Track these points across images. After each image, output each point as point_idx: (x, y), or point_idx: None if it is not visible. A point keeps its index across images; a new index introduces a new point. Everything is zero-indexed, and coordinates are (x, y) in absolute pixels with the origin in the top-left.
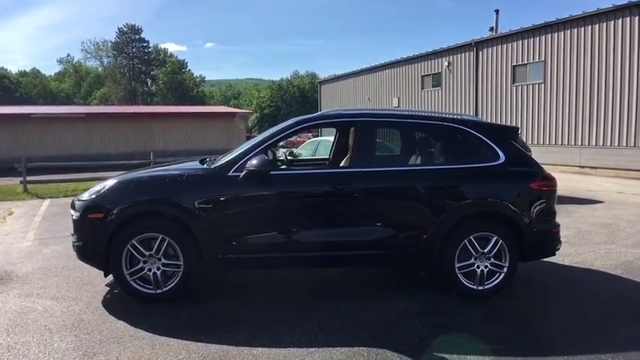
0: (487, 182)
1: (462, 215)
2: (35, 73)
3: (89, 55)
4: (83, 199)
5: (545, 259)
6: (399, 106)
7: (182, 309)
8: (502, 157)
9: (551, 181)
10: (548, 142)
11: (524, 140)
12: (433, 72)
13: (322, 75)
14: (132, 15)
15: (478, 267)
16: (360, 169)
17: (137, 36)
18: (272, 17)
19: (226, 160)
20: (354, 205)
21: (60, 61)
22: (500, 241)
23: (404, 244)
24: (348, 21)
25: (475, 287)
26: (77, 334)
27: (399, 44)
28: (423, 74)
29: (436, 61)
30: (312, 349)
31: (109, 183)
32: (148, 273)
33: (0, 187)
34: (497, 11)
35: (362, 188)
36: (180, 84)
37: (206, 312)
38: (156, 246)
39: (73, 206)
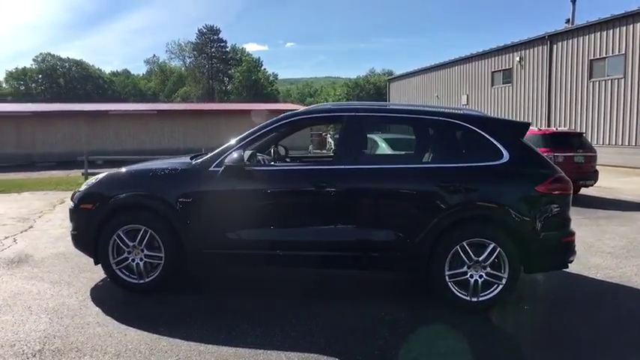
0: (484, 183)
1: (453, 219)
2: (126, 74)
3: (173, 56)
4: (80, 190)
5: (573, 272)
6: (467, 104)
7: (160, 300)
8: (506, 156)
9: (563, 184)
10: (627, 143)
11: (590, 140)
12: (504, 68)
13: (398, 72)
14: (217, 17)
15: (472, 276)
16: (342, 167)
17: (216, 36)
18: (352, 16)
19: (209, 155)
20: (334, 203)
21: (147, 62)
22: (499, 249)
23: (387, 247)
24: (426, 18)
25: (468, 298)
26: (51, 318)
27: (475, 40)
28: (493, 70)
29: (507, 56)
30: (261, 351)
31: (100, 176)
32: (132, 263)
33: (69, 178)
34: (573, 1)
35: (342, 186)
36: (255, 82)
37: (181, 306)
38: (139, 237)
39: (72, 197)
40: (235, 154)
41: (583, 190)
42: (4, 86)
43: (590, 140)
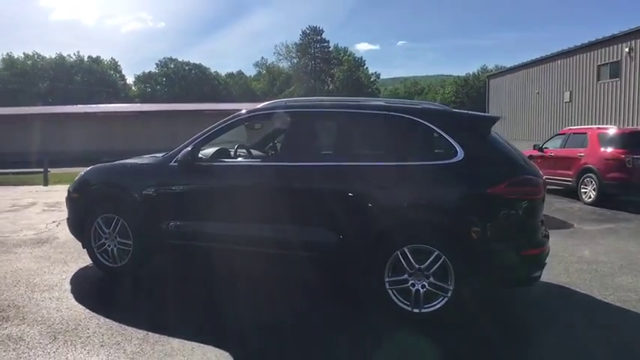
0: (429, 184)
1: (392, 222)
2: (240, 75)
3: (281, 57)
4: (73, 181)
5: (580, 290)
6: (570, 101)
7: (128, 284)
8: (460, 155)
9: (526, 187)
10: None
11: None
12: (611, 60)
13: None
14: (329, 18)
15: (413, 285)
16: (276, 163)
17: (318, 37)
18: (464, 12)
19: (172, 151)
20: (269, 200)
21: (255, 65)
22: (443, 257)
23: (322, 248)
24: (539, 10)
25: (410, 309)
26: (26, 291)
27: (585, 33)
28: (598, 63)
29: (614, 47)
30: (163, 337)
31: (87, 169)
32: (108, 248)
33: None
34: None
35: (275, 183)
36: (356, 82)
37: (142, 291)
38: (112, 225)
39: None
40: (189, 150)
41: None
42: (133, 89)
43: None
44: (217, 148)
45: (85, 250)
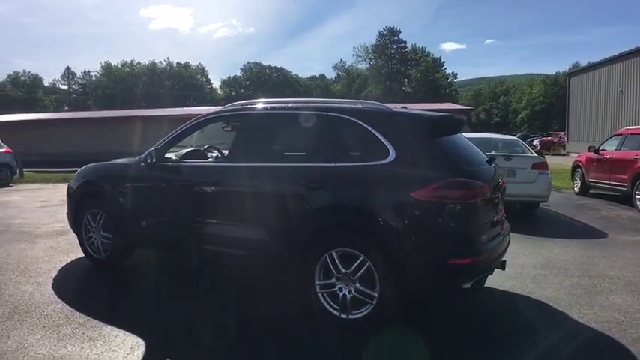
0: (355, 186)
1: (318, 224)
2: (322, 78)
3: (360, 59)
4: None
5: (559, 307)
6: None
7: (104, 276)
8: (391, 156)
9: (454, 191)
10: None
11: None
12: None
13: None
14: (413, 18)
15: (341, 290)
16: (218, 164)
17: (395, 37)
18: (557, 7)
19: (145, 152)
20: (212, 198)
21: (335, 67)
22: (368, 262)
23: (256, 247)
24: None
25: (339, 314)
26: (17, 275)
27: None
28: None
29: None
30: (107, 325)
31: (82, 167)
32: (94, 241)
33: None
34: None
35: (217, 182)
36: (432, 82)
37: (114, 284)
38: (97, 219)
39: None
40: (153, 150)
41: None
42: (219, 92)
43: None
44: (189, 150)
45: None
